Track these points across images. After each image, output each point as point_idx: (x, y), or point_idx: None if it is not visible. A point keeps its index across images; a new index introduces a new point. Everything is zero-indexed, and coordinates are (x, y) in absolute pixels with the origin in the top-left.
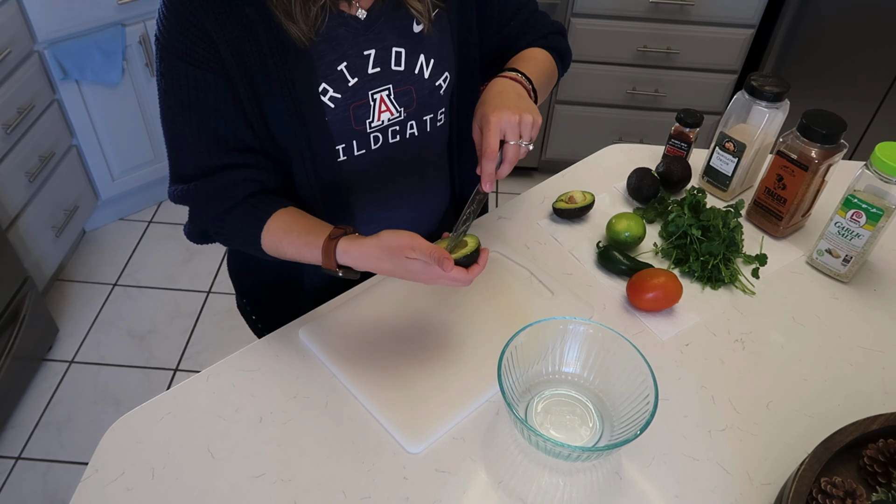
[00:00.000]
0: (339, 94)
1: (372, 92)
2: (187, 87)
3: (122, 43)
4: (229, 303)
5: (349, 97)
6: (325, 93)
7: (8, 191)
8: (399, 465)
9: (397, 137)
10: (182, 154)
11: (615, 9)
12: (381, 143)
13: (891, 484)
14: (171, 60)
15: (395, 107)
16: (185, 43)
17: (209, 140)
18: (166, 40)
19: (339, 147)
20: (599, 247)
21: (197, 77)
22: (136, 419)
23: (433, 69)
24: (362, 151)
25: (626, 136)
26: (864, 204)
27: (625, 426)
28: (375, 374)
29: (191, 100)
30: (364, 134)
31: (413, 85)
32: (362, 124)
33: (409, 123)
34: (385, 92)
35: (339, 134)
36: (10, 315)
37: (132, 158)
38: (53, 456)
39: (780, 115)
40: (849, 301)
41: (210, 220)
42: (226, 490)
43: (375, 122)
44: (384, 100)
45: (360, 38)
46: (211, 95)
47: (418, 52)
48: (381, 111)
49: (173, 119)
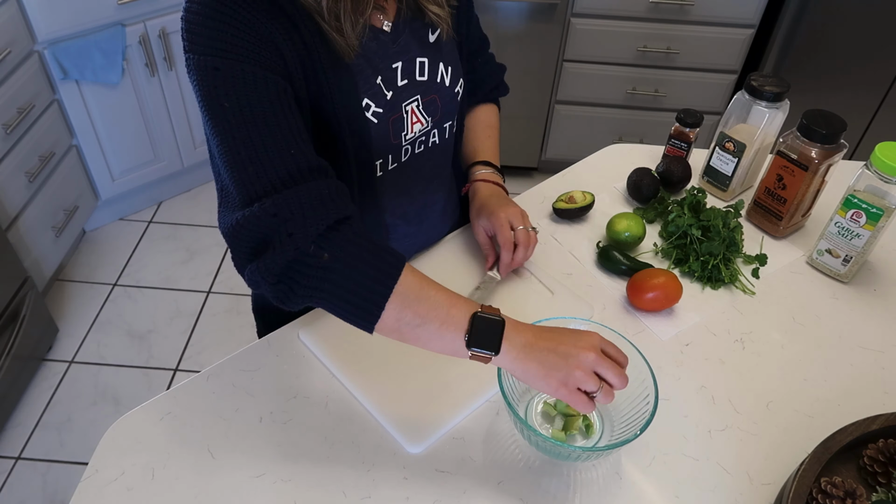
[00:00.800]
0: (380, 108)
1: (405, 104)
2: (256, 87)
3: (122, 43)
4: (229, 303)
5: (388, 111)
6: (367, 108)
7: (8, 191)
8: (399, 465)
9: (422, 147)
10: (261, 163)
11: (615, 9)
12: (410, 154)
13: (891, 484)
14: (232, 65)
15: (424, 117)
16: (248, 47)
17: (298, 141)
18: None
19: (378, 162)
20: (599, 247)
21: (268, 78)
22: (136, 419)
23: (451, 76)
24: (395, 165)
25: (626, 136)
26: (864, 204)
27: (625, 426)
28: (375, 374)
29: (265, 99)
30: (399, 147)
31: (437, 94)
32: (399, 138)
33: (433, 132)
34: (415, 103)
35: (378, 150)
36: (10, 315)
37: (132, 158)
38: (53, 456)
39: (780, 115)
40: (849, 301)
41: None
42: (226, 490)
43: (409, 134)
44: (415, 111)
45: (389, 51)
46: (285, 97)
47: (438, 61)
48: (412, 123)
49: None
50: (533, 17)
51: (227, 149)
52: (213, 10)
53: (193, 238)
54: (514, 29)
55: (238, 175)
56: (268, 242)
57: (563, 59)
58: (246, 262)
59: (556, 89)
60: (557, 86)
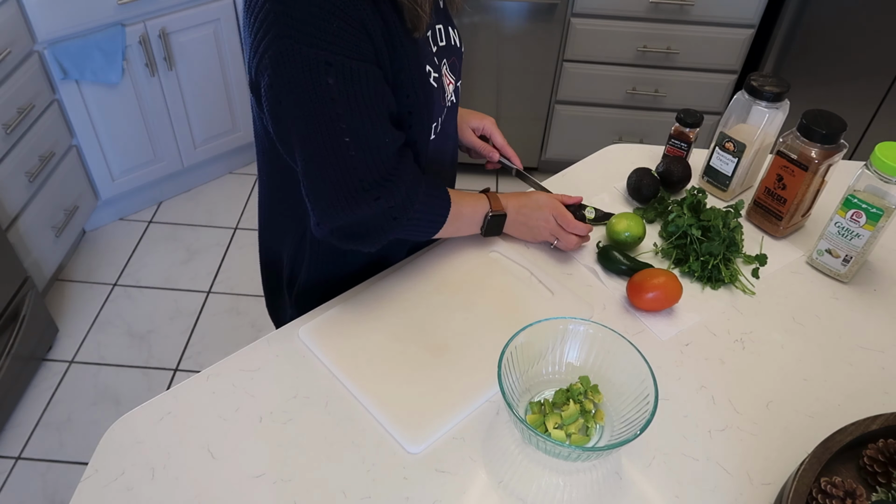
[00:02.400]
0: (436, 73)
1: (441, 67)
2: (365, 84)
3: (122, 43)
4: (229, 303)
5: (440, 75)
6: (429, 74)
7: (8, 191)
8: (399, 465)
9: (448, 105)
10: (367, 156)
11: (615, 9)
12: (445, 114)
13: (891, 484)
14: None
15: (453, 77)
16: (350, 41)
17: (392, 127)
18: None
19: (433, 125)
20: (599, 247)
21: (370, 72)
22: (136, 419)
23: (458, 38)
24: (439, 128)
25: (626, 136)
26: (864, 204)
27: (625, 426)
28: (375, 374)
29: (369, 95)
30: (443, 108)
31: (456, 56)
32: (444, 100)
33: (455, 91)
34: (445, 66)
35: (437, 112)
36: (10, 315)
37: (132, 158)
38: (53, 456)
39: (780, 115)
40: (849, 301)
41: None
42: (226, 490)
43: (449, 95)
44: (447, 73)
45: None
46: (381, 87)
47: (448, 25)
48: (447, 83)
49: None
50: (533, 17)
51: (330, 142)
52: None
53: (193, 238)
54: (514, 29)
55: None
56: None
57: (563, 59)
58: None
59: (556, 89)
60: (557, 86)
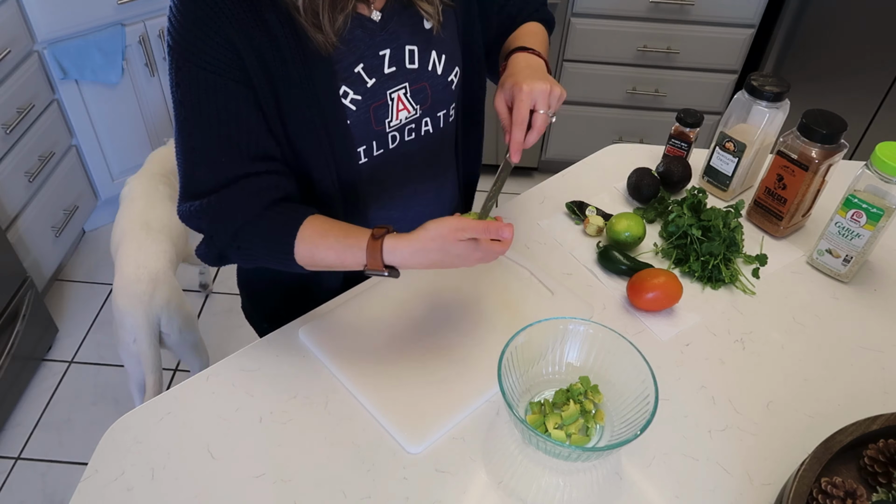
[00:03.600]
0: (358, 95)
1: (389, 91)
2: (207, 97)
3: (121, 43)
4: (229, 303)
5: (368, 98)
6: (345, 95)
7: (8, 191)
8: (399, 465)
9: (412, 135)
10: (198, 168)
11: (615, 9)
12: (398, 141)
13: (891, 484)
14: (189, 69)
15: (412, 105)
16: (206, 51)
17: (229, 150)
18: (183, 49)
19: (360, 149)
20: (599, 247)
21: (217, 85)
22: (136, 419)
23: (445, 65)
24: (381, 151)
25: (626, 136)
26: (865, 204)
27: (625, 426)
28: (375, 374)
29: (210, 109)
30: (383, 134)
31: (427, 82)
32: (382, 124)
33: (424, 120)
34: (402, 90)
35: (360, 136)
36: (10, 315)
37: (132, 158)
38: (53, 456)
39: (780, 115)
40: (849, 301)
41: (232, 235)
42: (226, 490)
43: (394, 121)
44: (401, 98)
45: (377, 39)
46: (233, 104)
47: (430, 49)
48: (398, 110)
49: (190, 131)
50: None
51: (179, 146)
52: (184, 7)
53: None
54: None
55: (183, 175)
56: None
57: (563, 59)
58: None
59: None
60: None
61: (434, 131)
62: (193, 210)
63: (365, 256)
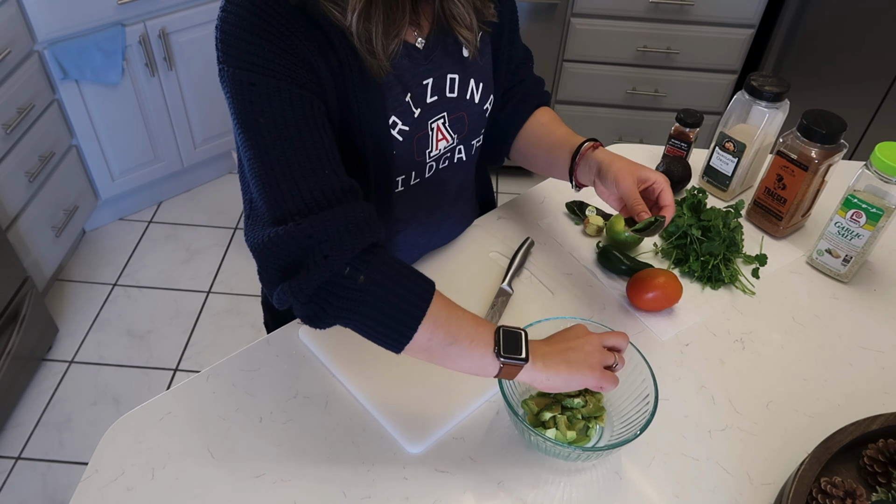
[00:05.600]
0: (406, 126)
1: (431, 121)
2: (292, 106)
3: (122, 43)
4: (229, 303)
5: (414, 129)
6: (394, 126)
7: (8, 191)
8: (399, 465)
9: (446, 163)
10: (293, 183)
11: (615, 9)
12: (434, 170)
13: (891, 484)
14: (269, 81)
15: (451, 134)
16: (286, 65)
17: (330, 162)
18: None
19: (399, 178)
20: (599, 247)
21: (303, 97)
22: (136, 419)
23: (482, 93)
24: (417, 181)
25: (626, 136)
26: (864, 204)
27: (625, 426)
28: (375, 374)
29: (299, 118)
30: (423, 164)
31: (465, 111)
32: (423, 155)
33: (458, 149)
34: (441, 120)
35: (402, 166)
36: (10, 315)
37: (132, 158)
38: (53, 456)
39: (780, 115)
40: (849, 301)
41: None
42: (226, 490)
43: (434, 151)
44: (440, 128)
45: (421, 68)
46: (320, 115)
47: (469, 78)
48: (438, 140)
49: (273, 145)
50: (533, 17)
51: (260, 164)
52: (250, 24)
53: (193, 238)
54: None
55: (270, 192)
56: (300, 263)
57: (563, 59)
58: (276, 280)
59: (556, 89)
60: (557, 86)
61: (466, 159)
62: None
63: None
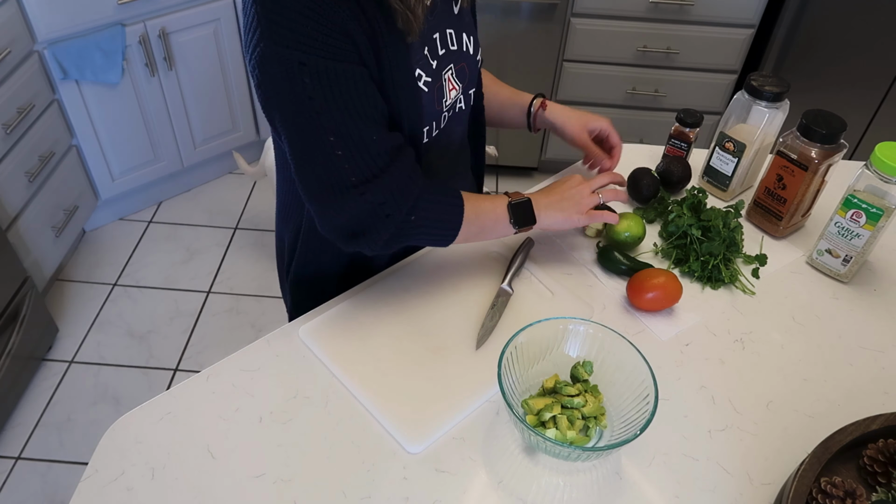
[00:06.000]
0: (429, 77)
1: (444, 72)
2: (341, 84)
3: (122, 43)
4: (229, 303)
5: (434, 79)
6: (419, 78)
7: (8, 191)
8: (399, 465)
9: (451, 113)
10: (351, 156)
11: (615, 9)
12: (447, 120)
13: (891, 484)
14: (317, 62)
15: (458, 83)
16: (327, 41)
17: (378, 128)
18: (303, 43)
19: (426, 129)
20: (599, 247)
21: (348, 72)
22: (136, 419)
23: (473, 45)
24: (437, 131)
25: (626, 136)
26: (864, 204)
27: (625, 426)
28: (375, 374)
29: (349, 94)
30: (440, 114)
31: (466, 62)
32: (440, 104)
33: (460, 98)
34: (450, 72)
35: (428, 116)
36: (10, 315)
37: (132, 158)
38: (53, 456)
39: (780, 115)
40: (849, 301)
41: (410, 209)
42: (226, 490)
43: (448, 100)
44: (450, 79)
45: (430, 22)
46: (363, 86)
47: (462, 31)
48: (450, 90)
49: (329, 123)
50: (533, 17)
51: (307, 145)
52: (291, 5)
53: (193, 238)
54: (514, 29)
55: (325, 169)
56: (368, 225)
57: (563, 59)
58: (347, 239)
59: (556, 89)
60: (557, 86)
61: (465, 108)
62: (353, 201)
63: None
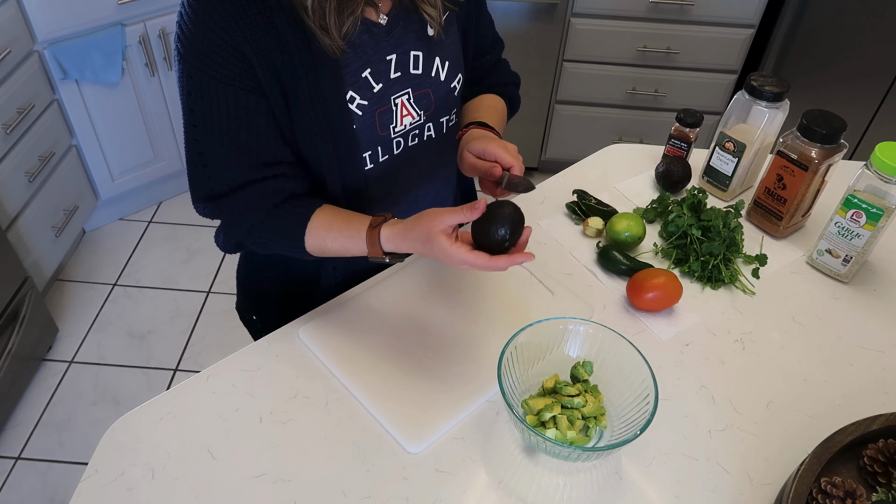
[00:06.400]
0: (365, 101)
1: (394, 97)
2: (219, 106)
3: (121, 43)
4: (229, 303)
5: (374, 103)
6: (352, 101)
7: (8, 191)
8: (399, 465)
9: (416, 140)
10: (211, 172)
11: (615, 9)
12: (403, 147)
13: (891, 484)
14: (201, 79)
15: (416, 110)
16: (217, 61)
17: (239, 157)
18: (195, 58)
19: (366, 154)
20: (599, 247)
21: (229, 95)
22: (136, 419)
23: (448, 71)
24: (386, 157)
25: (626, 136)
26: (864, 204)
27: (625, 426)
28: (375, 374)
29: (222, 118)
30: (388, 140)
31: (431, 88)
32: (387, 130)
33: (427, 126)
34: (405, 96)
35: (365, 141)
36: (10, 315)
37: (132, 158)
38: (53, 456)
39: (780, 115)
40: (849, 301)
41: (247, 231)
42: (225, 490)
43: (399, 126)
44: (405, 104)
45: (383, 44)
46: (243, 113)
47: (434, 55)
48: (402, 115)
49: (198, 137)
50: (533, 17)
51: (190, 150)
52: (195, 15)
53: (193, 238)
54: (514, 29)
55: (195, 177)
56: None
57: (563, 59)
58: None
59: (556, 89)
60: (557, 86)
61: (437, 137)
62: (208, 211)
63: (366, 245)
